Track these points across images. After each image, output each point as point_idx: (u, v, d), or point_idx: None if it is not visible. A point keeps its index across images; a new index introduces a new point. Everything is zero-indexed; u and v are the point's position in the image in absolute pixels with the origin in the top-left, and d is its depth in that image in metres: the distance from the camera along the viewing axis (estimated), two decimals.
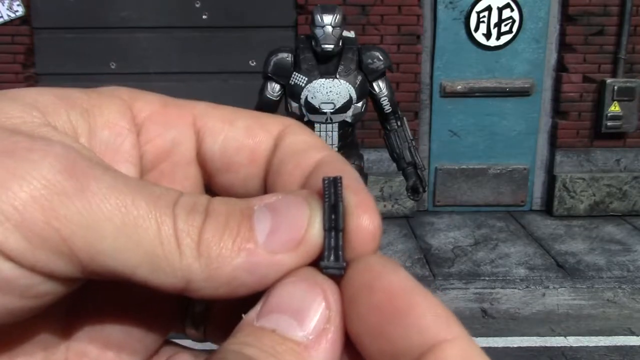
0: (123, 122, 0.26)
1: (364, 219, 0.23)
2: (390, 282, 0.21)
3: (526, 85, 5.16)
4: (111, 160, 0.25)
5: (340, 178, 0.22)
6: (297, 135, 0.27)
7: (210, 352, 0.28)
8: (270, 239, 0.22)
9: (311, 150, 0.26)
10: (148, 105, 0.27)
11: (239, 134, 0.27)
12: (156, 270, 0.21)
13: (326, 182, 0.23)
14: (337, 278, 0.22)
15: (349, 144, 3.22)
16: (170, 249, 0.21)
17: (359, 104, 3.12)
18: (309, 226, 0.22)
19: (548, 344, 3.33)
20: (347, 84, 3.08)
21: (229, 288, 0.22)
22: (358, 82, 3.10)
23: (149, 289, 0.22)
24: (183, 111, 0.27)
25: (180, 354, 0.28)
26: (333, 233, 0.22)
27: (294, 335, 0.21)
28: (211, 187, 0.29)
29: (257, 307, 0.22)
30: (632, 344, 3.34)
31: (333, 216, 0.22)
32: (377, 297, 0.21)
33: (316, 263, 0.22)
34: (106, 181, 0.21)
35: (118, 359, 0.26)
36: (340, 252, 0.22)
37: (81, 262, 0.21)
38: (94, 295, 0.26)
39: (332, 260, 0.22)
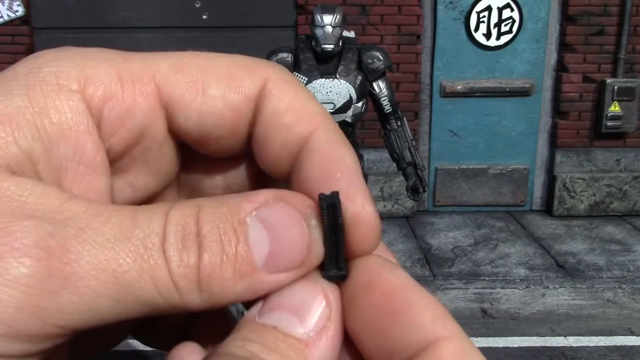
0: (79, 125, 0.23)
1: (362, 229, 0.23)
2: (389, 280, 0.22)
3: (526, 85, 5.16)
4: (75, 176, 0.23)
5: (338, 196, 0.22)
6: (279, 100, 0.24)
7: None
8: (270, 262, 0.21)
9: (297, 124, 0.24)
10: (101, 87, 0.23)
11: (215, 106, 0.24)
12: (157, 312, 0.21)
13: (323, 201, 0.22)
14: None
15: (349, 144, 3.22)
16: (169, 294, 0.21)
17: (359, 104, 3.12)
18: (311, 248, 0.22)
19: (548, 344, 3.33)
20: (347, 84, 3.08)
21: (229, 305, 0.22)
22: (358, 82, 3.10)
23: None
24: (144, 85, 0.24)
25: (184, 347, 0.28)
26: (334, 248, 0.22)
27: (295, 332, 0.21)
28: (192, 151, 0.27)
29: (259, 305, 0.22)
30: (632, 344, 3.34)
31: (333, 233, 0.22)
32: (376, 296, 0.21)
33: (318, 269, 0.23)
34: (85, 252, 0.20)
35: None
36: (342, 263, 0.22)
37: (81, 331, 0.21)
38: None
39: (334, 270, 0.22)
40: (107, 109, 0.23)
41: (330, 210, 0.22)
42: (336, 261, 0.22)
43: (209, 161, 0.27)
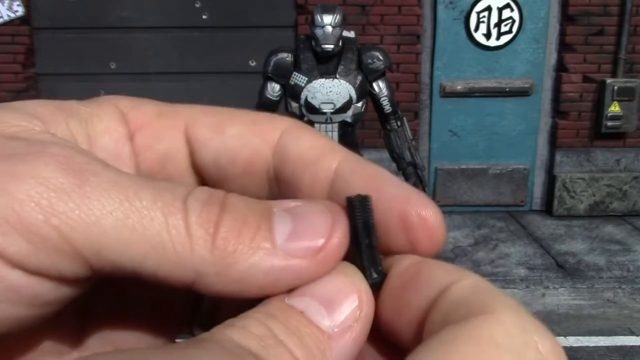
0: (121, 129, 0.26)
1: (421, 210, 0.23)
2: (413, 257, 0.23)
3: (526, 85, 5.16)
4: (113, 165, 0.25)
5: (369, 197, 0.23)
6: (300, 141, 0.25)
7: None
8: (290, 243, 0.21)
9: (323, 158, 0.25)
10: (141, 115, 0.26)
11: (231, 144, 0.25)
12: (165, 262, 0.20)
13: (354, 202, 0.23)
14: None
15: (349, 144, 3.22)
16: (179, 240, 0.20)
17: (359, 104, 3.12)
18: (331, 236, 0.22)
19: None
20: (347, 84, 3.08)
21: (239, 286, 0.21)
22: (358, 82, 3.10)
23: (158, 285, 0.21)
24: (176, 120, 0.26)
25: None
26: (370, 251, 0.23)
27: (320, 323, 0.21)
28: None
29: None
30: (632, 344, 3.34)
31: (366, 235, 0.23)
32: (403, 266, 0.23)
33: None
34: (106, 175, 0.20)
35: None
36: (379, 268, 0.23)
37: (86, 260, 0.20)
38: (104, 299, 0.26)
39: (374, 277, 0.23)
40: (138, 132, 0.26)
41: (361, 206, 0.22)
42: (375, 269, 0.23)
43: None
